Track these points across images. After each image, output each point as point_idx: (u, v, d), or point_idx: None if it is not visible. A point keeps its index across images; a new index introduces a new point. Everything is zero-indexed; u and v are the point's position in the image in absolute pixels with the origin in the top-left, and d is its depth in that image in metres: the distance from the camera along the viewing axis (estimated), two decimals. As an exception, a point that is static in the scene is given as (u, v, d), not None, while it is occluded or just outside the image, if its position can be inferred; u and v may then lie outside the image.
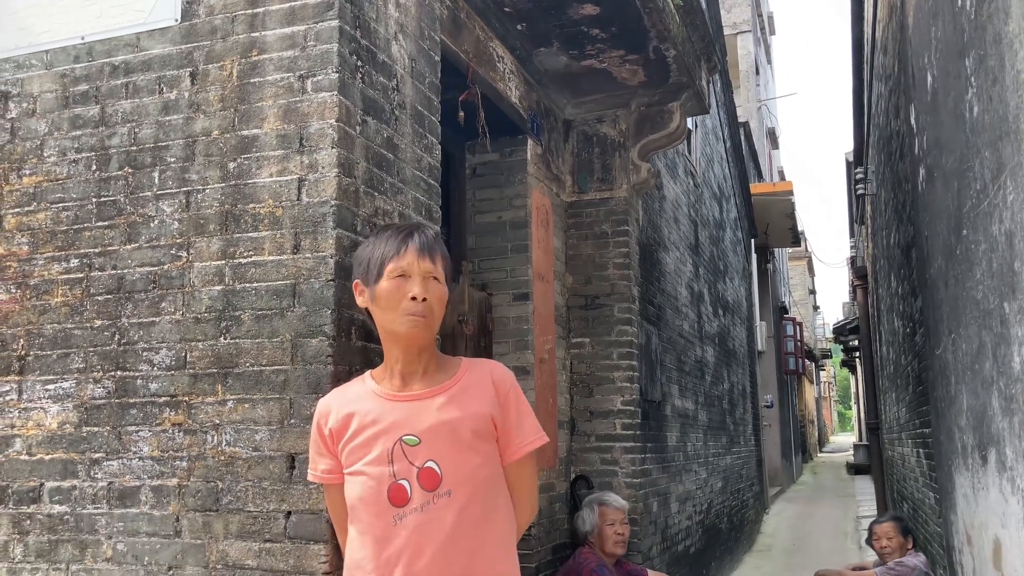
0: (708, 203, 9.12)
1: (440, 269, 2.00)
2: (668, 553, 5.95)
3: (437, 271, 1.99)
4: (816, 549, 10.02)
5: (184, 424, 2.38)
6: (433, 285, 1.98)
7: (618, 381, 5.31)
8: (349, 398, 2.02)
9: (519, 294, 4.85)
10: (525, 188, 4.88)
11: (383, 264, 1.97)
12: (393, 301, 1.95)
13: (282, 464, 2.27)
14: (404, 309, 1.94)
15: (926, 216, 4.33)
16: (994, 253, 2.68)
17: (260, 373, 2.33)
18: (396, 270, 1.96)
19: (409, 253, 1.96)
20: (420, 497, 1.89)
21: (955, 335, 3.61)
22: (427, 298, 1.95)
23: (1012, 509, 2.70)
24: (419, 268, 1.96)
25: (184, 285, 2.45)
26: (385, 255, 1.98)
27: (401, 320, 1.94)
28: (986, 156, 2.68)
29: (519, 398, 2.06)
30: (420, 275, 1.96)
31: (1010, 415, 2.62)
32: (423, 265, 1.96)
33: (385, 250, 1.99)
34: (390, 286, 1.96)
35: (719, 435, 8.59)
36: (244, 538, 2.27)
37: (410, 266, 1.96)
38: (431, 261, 1.98)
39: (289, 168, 2.40)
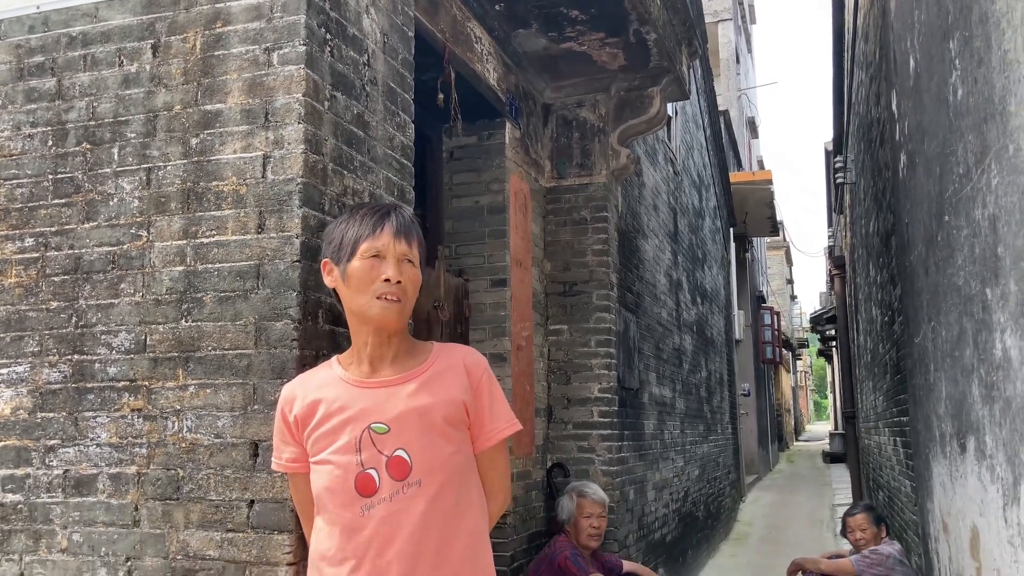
0: (687, 191, 9.08)
1: (416, 252, 1.93)
2: (644, 541, 5.92)
3: (412, 254, 1.92)
4: (792, 537, 10.06)
5: (144, 410, 2.29)
6: (408, 268, 1.90)
7: (596, 368, 5.25)
8: (315, 384, 1.94)
9: (496, 280, 4.78)
10: (503, 172, 4.80)
11: (357, 243, 1.89)
12: (365, 282, 1.87)
13: (245, 451, 2.19)
14: (376, 291, 1.87)
15: (907, 203, 4.30)
16: (977, 238, 2.63)
17: (223, 357, 2.24)
18: (370, 250, 1.88)
19: (385, 234, 1.89)
20: (389, 487, 1.82)
21: (935, 322, 3.58)
22: (401, 281, 1.88)
23: (991, 497, 2.67)
24: (395, 250, 1.89)
25: (144, 266, 2.35)
26: (360, 234, 1.90)
27: (373, 303, 1.87)
28: (970, 140, 2.63)
29: (492, 384, 2.00)
30: (395, 257, 1.88)
31: (990, 403, 2.58)
32: (399, 247, 1.89)
33: (360, 229, 1.91)
34: (363, 266, 1.88)
35: (696, 423, 8.57)
36: (206, 528, 2.18)
37: (385, 247, 1.88)
38: (407, 243, 1.91)
39: (254, 144, 2.31)
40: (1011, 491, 2.39)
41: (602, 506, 4.46)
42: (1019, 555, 2.35)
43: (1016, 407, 2.26)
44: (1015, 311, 2.20)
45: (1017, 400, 2.25)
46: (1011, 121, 2.11)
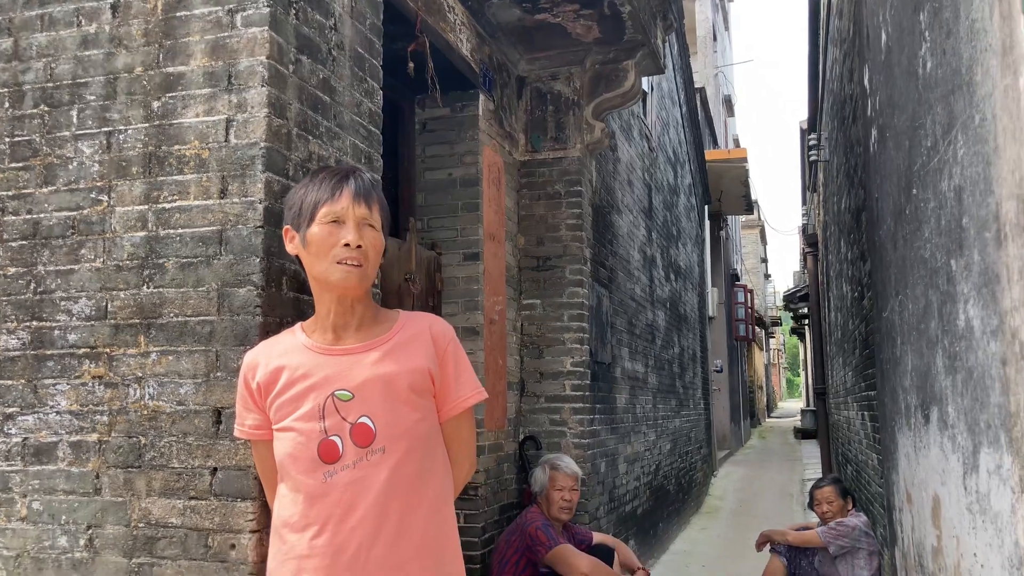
0: (662, 167, 9.08)
1: (377, 216, 1.90)
2: (615, 513, 5.96)
3: (373, 218, 1.89)
4: (762, 511, 10.19)
5: (105, 377, 2.26)
6: (369, 232, 1.88)
7: (568, 343, 5.26)
8: (278, 351, 1.92)
9: (469, 254, 4.75)
10: (476, 145, 4.77)
11: (316, 208, 1.86)
12: (325, 247, 1.85)
13: (208, 419, 2.16)
14: (336, 256, 1.84)
15: (877, 178, 4.32)
16: (943, 210, 2.65)
17: (185, 324, 2.21)
18: (329, 215, 1.85)
19: (344, 197, 1.86)
20: (353, 454, 1.81)
21: (902, 296, 3.61)
22: (362, 245, 1.85)
23: (952, 466, 2.70)
24: (354, 213, 1.86)
25: (105, 231, 2.31)
26: (318, 199, 1.87)
27: (333, 268, 1.84)
28: (938, 112, 2.64)
29: (458, 353, 1.99)
30: (355, 221, 1.86)
31: (953, 373, 2.61)
32: (358, 211, 1.86)
33: (318, 194, 1.87)
34: (322, 231, 1.85)
35: (668, 398, 8.63)
36: (168, 495, 2.17)
37: (344, 211, 1.85)
38: (367, 207, 1.88)
39: (217, 108, 2.26)
40: (971, 459, 2.43)
41: (574, 479, 4.48)
42: (977, 521, 2.39)
43: (977, 376, 2.29)
44: (978, 281, 2.22)
45: (978, 370, 2.27)
46: (977, 91, 2.12)
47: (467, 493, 4.51)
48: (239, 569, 2.09)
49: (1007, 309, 1.94)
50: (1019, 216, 1.80)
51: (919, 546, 3.50)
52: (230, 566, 2.09)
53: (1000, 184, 1.94)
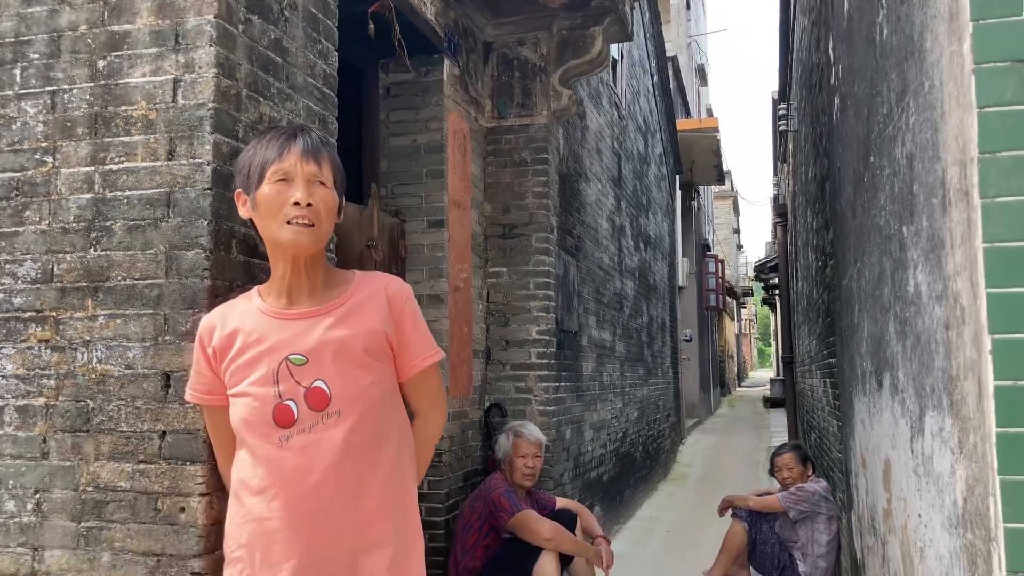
0: (633, 136, 9.07)
1: (327, 173, 1.86)
2: (580, 480, 6.02)
3: (324, 175, 1.85)
4: (729, 477, 10.35)
5: (51, 340, 2.23)
6: (319, 190, 1.84)
7: (534, 311, 5.27)
8: (235, 315, 1.90)
9: (434, 221, 4.73)
10: (441, 111, 4.73)
11: (264, 168, 1.83)
12: (275, 207, 1.81)
13: (157, 382, 2.15)
14: (286, 215, 1.81)
15: (839, 147, 4.34)
16: (896, 177, 2.67)
17: (133, 287, 2.19)
18: (277, 174, 1.82)
19: (292, 155, 1.82)
20: (308, 417, 1.81)
21: (860, 263, 3.65)
22: (312, 203, 1.81)
23: (901, 430, 2.75)
24: (303, 171, 1.82)
25: (50, 192, 2.27)
26: (266, 158, 1.83)
27: (284, 228, 1.81)
28: (892, 79, 2.65)
29: (415, 313, 1.97)
30: (304, 178, 1.82)
31: (903, 338, 2.65)
32: (307, 168, 1.82)
33: (266, 153, 1.84)
34: (271, 191, 1.82)
35: (636, 366, 8.69)
36: (117, 459, 2.15)
37: (293, 168, 1.82)
38: (316, 164, 1.84)
39: (164, 68, 2.22)
40: (917, 423, 2.47)
41: (537, 446, 4.51)
42: (922, 483, 2.44)
43: (924, 341, 2.32)
44: (925, 247, 2.25)
45: (925, 334, 2.30)
46: (927, 57, 2.13)
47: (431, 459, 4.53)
48: (188, 532, 2.09)
49: (950, 274, 1.97)
50: (962, 182, 1.82)
51: (872, 509, 3.57)
52: (179, 529, 2.09)
53: (946, 150, 1.96)
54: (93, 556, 2.14)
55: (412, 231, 4.72)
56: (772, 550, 5.31)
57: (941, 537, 2.20)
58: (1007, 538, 1.63)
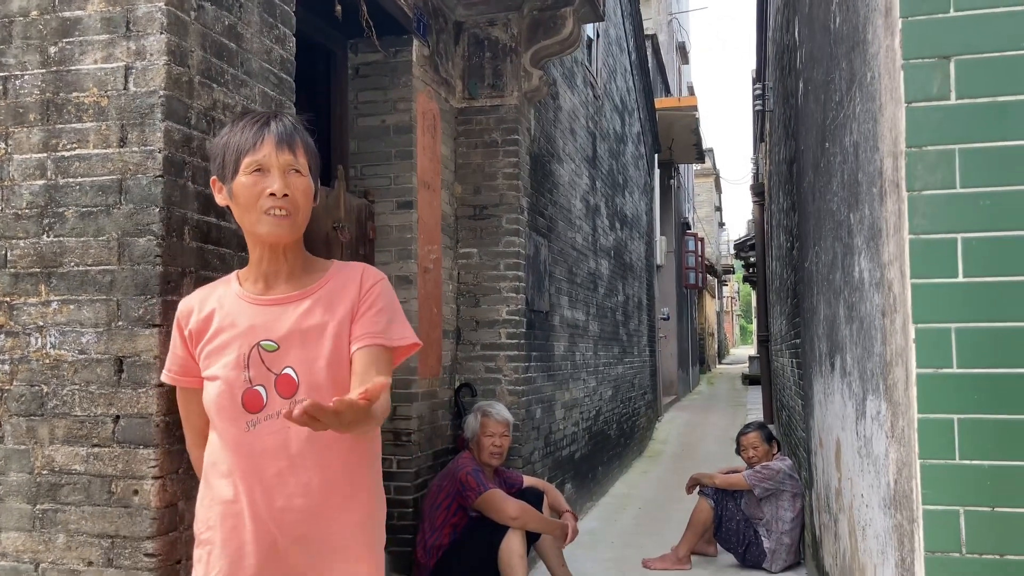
0: (609, 116, 9.08)
1: (302, 160, 1.84)
2: (551, 458, 6.10)
3: (299, 163, 1.83)
4: (704, 454, 10.47)
5: (5, 326, 2.25)
6: (295, 178, 1.82)
7: (504, 291, 5.31)
8: (212, 299, 1.90)
9: (403, 202, 4.75)
10: (410, 91, 4.73)
11: (239, 159, 1.81)
12: (251, 198, 1.80)
13: (110, 367, 2.17)
14: (263, 206, 1.80)
15: (802, 130, 4.39)
16: (845, 164, 2.72)
17: (86, 273, 2.21)
18: (252, 164, 1.80)
19: (266, 145, 1.80)
20: (276, 404, 1.81)
21: (817, 247, 3.71)
22: (288, 193, 1.80)
23: (848, 412, 2.82)
24: (278, 161, 1.80)
25: (3, 179, 2.28)
26: (241, 148, 1.81)
27: (262, 219, 1.80)
28: (843, 67, 2.70)
29: (387, 295, 1.92)
30: (280, 168, 1.80)
31: (851, 323, 2.71)
32: (283, 157, 1.81)
33: (240, 142, 1.82)
34: (247, 182, 1.80)
35: (611, 345, 8.76)
36: (71, 443, 2.18)
37: (267, 159, 1.80)
38: (291, 152, 1.82)
39: (115, 55, 2.23)
40: (861, 406, 2.54)
41: (505, 425, 4.56)
42: (864, 465, 2.51)
43: (866, 326, 2.38)
44: (868, 235, 2.30)
45: (867, 319, 2.36)
46: (869, 49, 2.17)
47: (400, 439, 4.59)
48: (142, 514, 2.12)
49: (886, 262, 2.02)
50: (894, 173, 1.87)
51: (827, 488, 3.66)
52: (133, 511, 2.13)
53: (883, 142, 2.01)
54: (49, 538, 2.18)
55: (381, 212, 4.73)
56: (737, 526, 5.42)
57: (879, 517, 2.27)
58: (926, 519, 1.70)
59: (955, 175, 1.71)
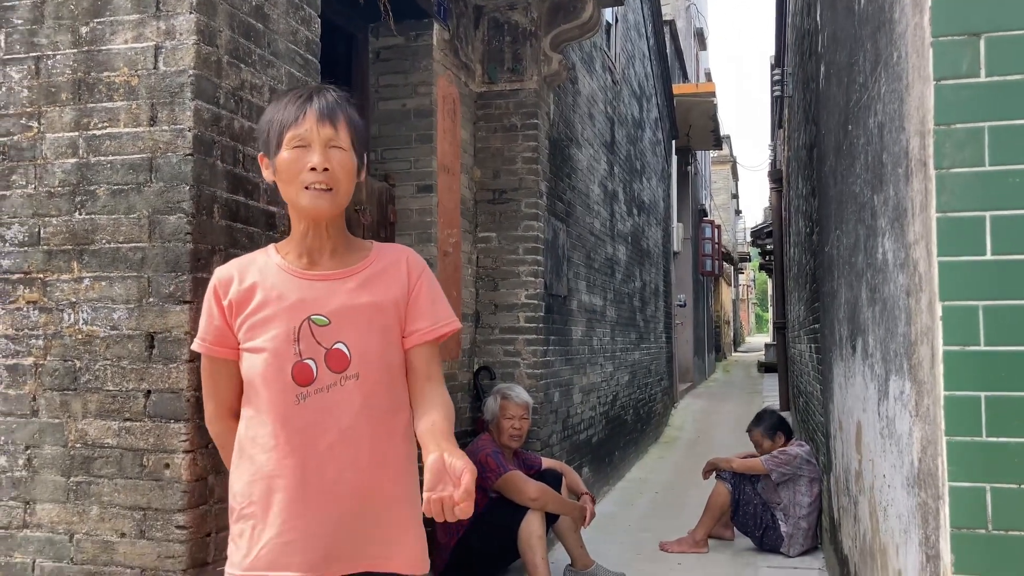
0: (627, 101, 9.05)
1: (344, 135, 1.84)
2: (569, 441, 6.12)
3: (340, 138, 1.83)
4: (719, 441, 10.48)
5: (39, 302, 2.29)
6: (336, 153, 1.82)
7: (523, 275, 5.33)
8: (253, 270, 1.90)
9: (423, 186, 4.77)
10: (431, 75, 4.74)
11: (282, 133, 1.82)
12: (293, 173, 1.81)
13: (141, 343, 2.21)
14: (304, 181, 1.80)
15: (824, 114, 4.37)
16: (869, 146, 2.72)
17: (117, 250, 2.24)
18: (294, 139, 1.80)
19: (308, 119, 1.81)
20: (327, 378, 1.82)
21: (839, 231, 3.70)
22: (329, 168, 1.81)
23: (870, 394, 2.83)
24: (319, 135, 1.80)
25: (36, 157, 2.32)
26: (284, 122, 1.82)
27: (302, 194, 1.81)
28: (868, 48, 2.69)
29: (430, 284, 1.96)
30: (321, 143, 1.80)
31: (873, 304, 2.71)
32: (324, 132, 1.81)
33: (283, 117, 1.83)
34: (290, 157, 1.81)
35: (628, 331, 8.77)
36: (103, 417, 2.22)
37: (309, 133, 1.80)
38: (332, 127, 1.82)
39: (145, 34, 2.25)
40: (883, 387, 2.54)
41: (524, 408, 4.59)
42: (886, 445, 2.52)
43: (890, 307, 2.38)
44: (892, 216, 2.30)
45: (890, 300, 2.37)
46: (895, 29, 2.16)
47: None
48: (173, 487, 2.16)
49: (911, 242, 2.03)
50: (921, 152, 1.87)
51: (846, 471, 3.66)
52: (164, 484, 2.17)
53: (909, 121, 2.01)
54: (82, 509, 2.22)
55: (401, 196, 4.75)
56: (755, 510, 5.43)
57: (901, 496, 2.28)
58: (952, 496, 1.71)
59: (984, 153, 1.71)
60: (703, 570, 5.10)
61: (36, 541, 2.25)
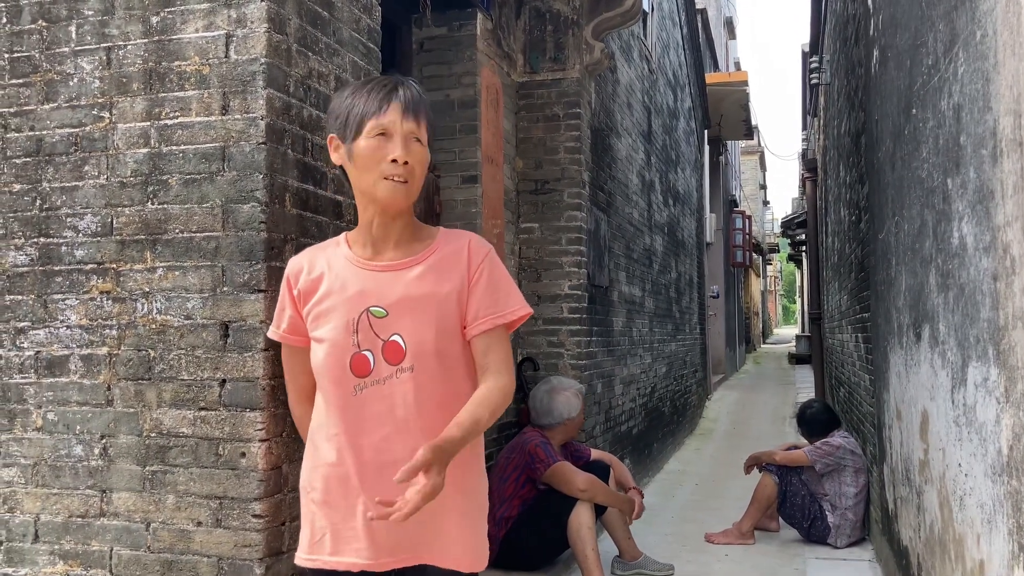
0: (662, 90, 8.99)
1: (424, 130, 1.85)
2: (611, 433, 6.10)
3: (421, 132, 1.83)
4: (755, 432, 10.41)
5: (113, 292, 2.30)
6: (415, 147, 1.82)
7: (566, 266, 5.31)
8: (321, 260, 1.91)
9: (467, 177, 4.75)
10: (474, 65, 4.72)
11: (363, 121, 1.80)
12: (372, 162, 1.80)
13: (215, 332, 2.21)
14: (384, 171, 1.79)
15: (877, 99, 4.30)
16: (941, 129, 2.66)
17: (190, 240, 2.24)
18: (376, 128, 1.79)
19: (392, 111, 1.80)
20: (384, 370, 1.82)
21: (898, 217, 3.64)
22: (408, 161, 1.80)
23: (941, 381, 2.78)
24: (402, 128, 1.79)
25: (108, 147, 2.32)
26: (366, 111, 1.81)
27: (380, 184, 1.80)
28: (940, 29, 2.63)
29: (492, 270, 1.91)
30: (403, 136, 1.79)
31: (945, 291, 2.66)
32: (407, 125, 1.80)
33: (366, 105, 1.81)
34: (370, 145, 1.80)
35: (665, 322, 8.72)
36: (178, 406, 2.23)
37: (392, 125, 1.79)
38: (415, 120, 1.82)
39: (216, 23, 2.25)
40: (959, 374, 2.49)
41: None
42: (963, 433, 2.47)
43: (968, 292, 2.33)
44: (972, 199, 2.25)
45: (969, 286, 2.32)
46: (980, 6, 2.11)
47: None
48: (249, 476, 2.16)
49: (1000, 224, 1.98)
50: (1016, 132, 1.82)
51: (907, 460, 3.61)
52: (240, 473, 2.17)
53: (998, 100, 1.95)
54: (158, 498, 2.23)
55: (446, 187, 4.74)
56: (803, 501, 5.38)
57: (983, 485, 2.23)
58: (1054, 483, 1.66)
59: (1087, 131, 1.66)
60: (750, 561, 5.06)
61: (113, 530, 2.26)
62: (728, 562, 5.04)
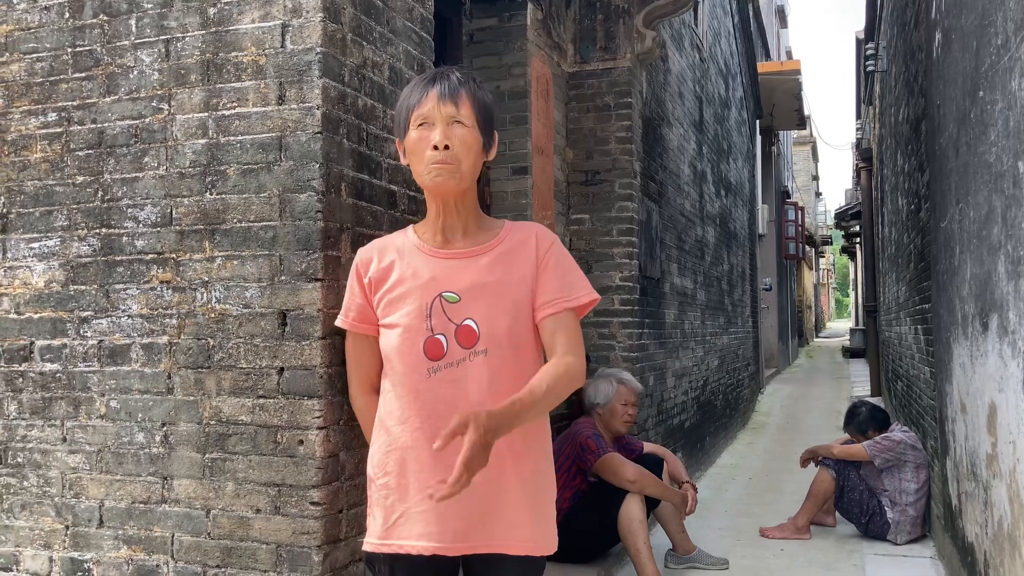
0: (714, 79, 8.86)
1: (466, 112, 1.85)
2: (663, 426, 6.04)
3: (462, 114, 1.85)
4: (808, 426, 10.24)
5: (172, 282, 2.33)
6: (457, 129, 1.84)
7: (617, 257, 5.26)
8: (391, 249, 1.96)
9: (518, 168, 4.73)
10: (525, 56, 4.70)
11: (409, 114, 1.88)
12: (419, 152, 1.86)
13: (274, 321, 2.23)
14: (428, 159, 1.84)
15: (939, 84, 4.18)
16: (1011, 111, 2.57)
17: (248, 229, 2.26)
18: (419, 118, 1.86)
19: (430, 99, 1.85)
20: (457, 353, 1.86)
21: (963, 204, 3.53)
22: (449, 145, 1.83)
23: (1011, 372, 2.68)
24: (441, 113, 1.84)
25: (167, 139, 2.35)
26: (410, 104, 1.88)
27: (427, 171, 1.85)
28: (1010, 7, 2.53)
29: (559, 257, 1.95)
30: (442, 121, 1.84)
31: (1016, 278, 2.57)
32: (445, 110, 1.84)
33: (410, 99, 1.89)
34: (416, 137, 1.86)
35: (717, 315, 8.61)
36: (237, 394, 2.25)
37: (431, 112, 1.84)
38: (453, 104, 1.84)
39: (272, 13, 2.26)
40: (1031, 364, 2.41)
41: (636, 394, 4.57)
42: (1035, 425, 2.38)
43: (1042, 279, 2.25)
44: (1047, 181, 2.17)
45: (1043, 272, 2.23)
46: (1056, -19, 2.03)
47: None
48: (307, 463, 2.18)
49: (1078, 208, 1.90)
50: (1096, 109, 1.74)
51: (972, 455, 3.50)
52: (299, 460, 2.18)
53: (1076, 78, 1.87)
54: (218, 485, 2.26)
55: (496, 178, 4.73)
56: (861, 496, 5.27)
57: (1057, 479, 2.15)
58: None
59: None
60: (806, 556, 4.98)
61: (174, 516, 2.29)
62: (784, 557, 4.96)
